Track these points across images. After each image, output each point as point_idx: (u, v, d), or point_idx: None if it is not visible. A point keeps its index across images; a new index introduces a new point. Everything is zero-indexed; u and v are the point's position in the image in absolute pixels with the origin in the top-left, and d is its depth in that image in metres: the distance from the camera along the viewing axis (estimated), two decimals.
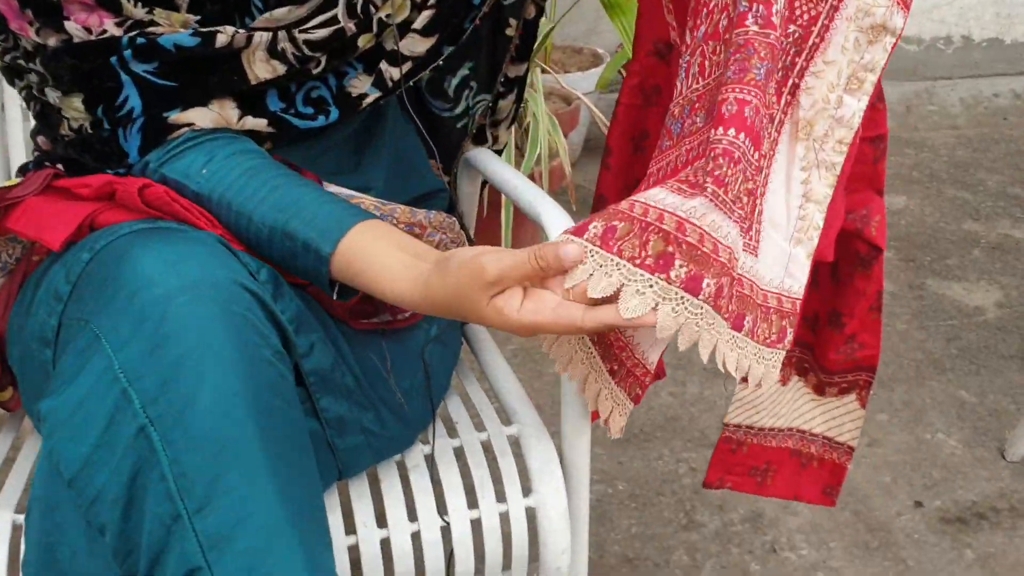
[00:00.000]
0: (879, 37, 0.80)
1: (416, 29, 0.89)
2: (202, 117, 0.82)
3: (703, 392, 1.75)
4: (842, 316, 1.02)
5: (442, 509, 0.90)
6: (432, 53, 0.92)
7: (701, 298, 0.68)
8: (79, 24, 0.81)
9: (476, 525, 0.90)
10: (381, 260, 0.75)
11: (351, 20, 0.84)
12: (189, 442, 0.65)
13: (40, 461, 0.69)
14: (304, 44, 0.83)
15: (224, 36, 0.81)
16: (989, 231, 2.33)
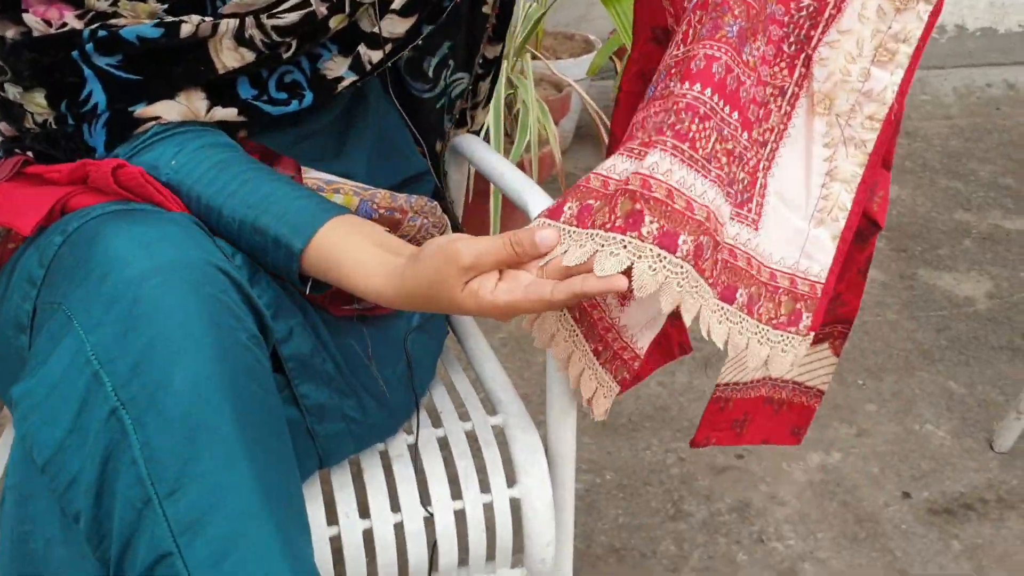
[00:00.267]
0: (909, 4, 0.77)
1: (395, 9, 0.88)
2: (169, 110, 0.81)
3: (692, 382, 1.74)
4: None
5: (426, 500, 0.89)
6: (412, 33, 0.90)
7: (679, 256, 0.66)
8: (38, 16, 0.78)
9: (460, 516, 0.89)
10: (355, 256, 0.74)
11: (323, 3, 0.82)
12: (161, 425, 0.64)
13: (14, 447, 0.68)
14: (273, 30, 0.81)
15: (188, 26, 0.79)
16: (980, 221, 2.33)
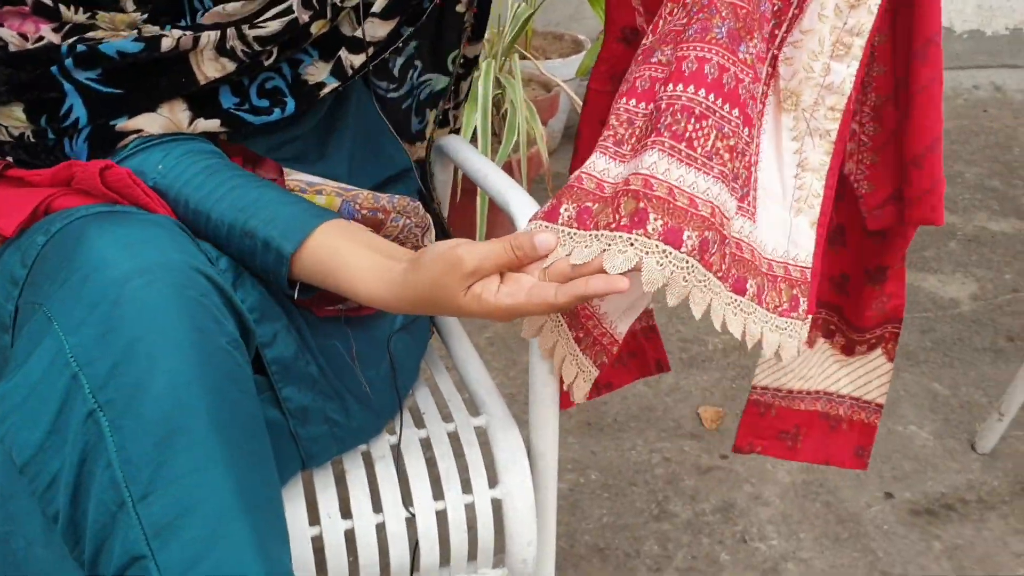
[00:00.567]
0: (861, 1, 0.80)
1: (376, 13, 0.88)
2: (151, 123, 0.80)
3: (678, 382, 1.75)
4: (888, 270, 1.01)
5: (408, 500, 0.89)
6: (392, 36, 0.90)
7: (684, 251, 0.69)
8: (13, 30, 0.77)
9: (442, 516, 0.90)
10: (350, 261, 0.74)
11: (306, 11, 0.82)
12: (138, 428, 0.64)
13: None
14: (254, 40, 0.81)
15: (169, 40, 0.78)
16: (966, 223, 2.34)
